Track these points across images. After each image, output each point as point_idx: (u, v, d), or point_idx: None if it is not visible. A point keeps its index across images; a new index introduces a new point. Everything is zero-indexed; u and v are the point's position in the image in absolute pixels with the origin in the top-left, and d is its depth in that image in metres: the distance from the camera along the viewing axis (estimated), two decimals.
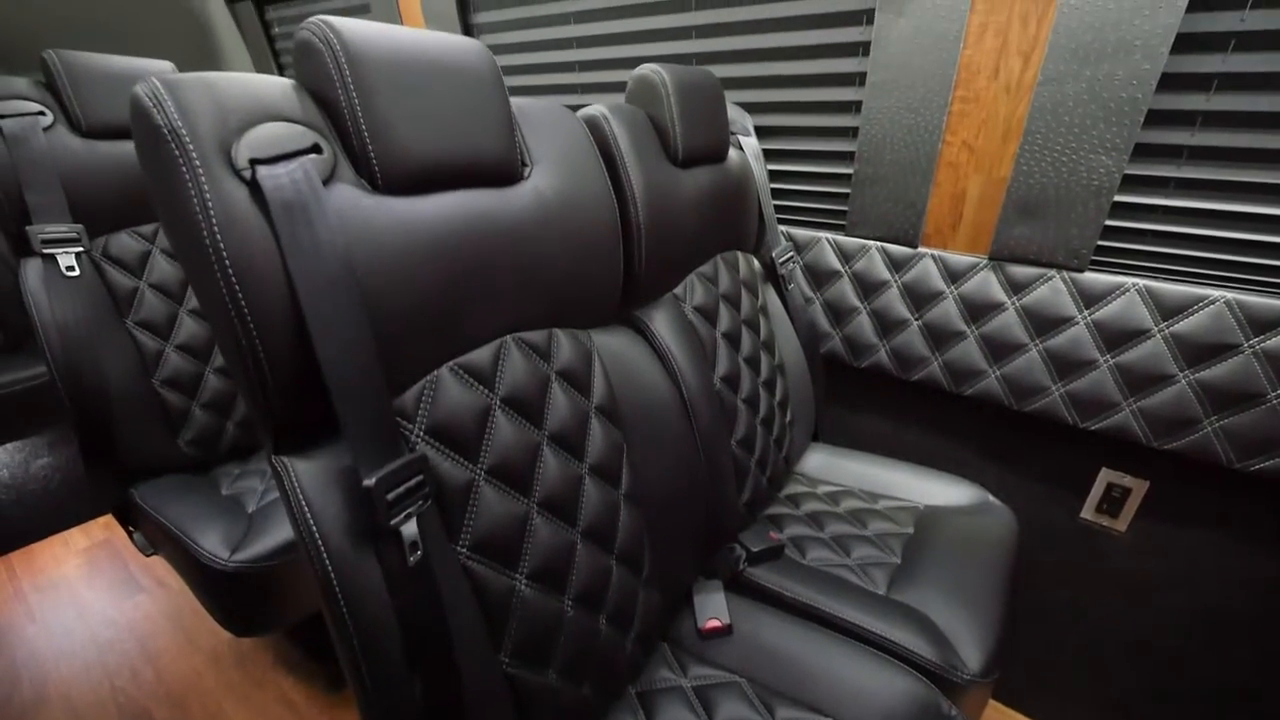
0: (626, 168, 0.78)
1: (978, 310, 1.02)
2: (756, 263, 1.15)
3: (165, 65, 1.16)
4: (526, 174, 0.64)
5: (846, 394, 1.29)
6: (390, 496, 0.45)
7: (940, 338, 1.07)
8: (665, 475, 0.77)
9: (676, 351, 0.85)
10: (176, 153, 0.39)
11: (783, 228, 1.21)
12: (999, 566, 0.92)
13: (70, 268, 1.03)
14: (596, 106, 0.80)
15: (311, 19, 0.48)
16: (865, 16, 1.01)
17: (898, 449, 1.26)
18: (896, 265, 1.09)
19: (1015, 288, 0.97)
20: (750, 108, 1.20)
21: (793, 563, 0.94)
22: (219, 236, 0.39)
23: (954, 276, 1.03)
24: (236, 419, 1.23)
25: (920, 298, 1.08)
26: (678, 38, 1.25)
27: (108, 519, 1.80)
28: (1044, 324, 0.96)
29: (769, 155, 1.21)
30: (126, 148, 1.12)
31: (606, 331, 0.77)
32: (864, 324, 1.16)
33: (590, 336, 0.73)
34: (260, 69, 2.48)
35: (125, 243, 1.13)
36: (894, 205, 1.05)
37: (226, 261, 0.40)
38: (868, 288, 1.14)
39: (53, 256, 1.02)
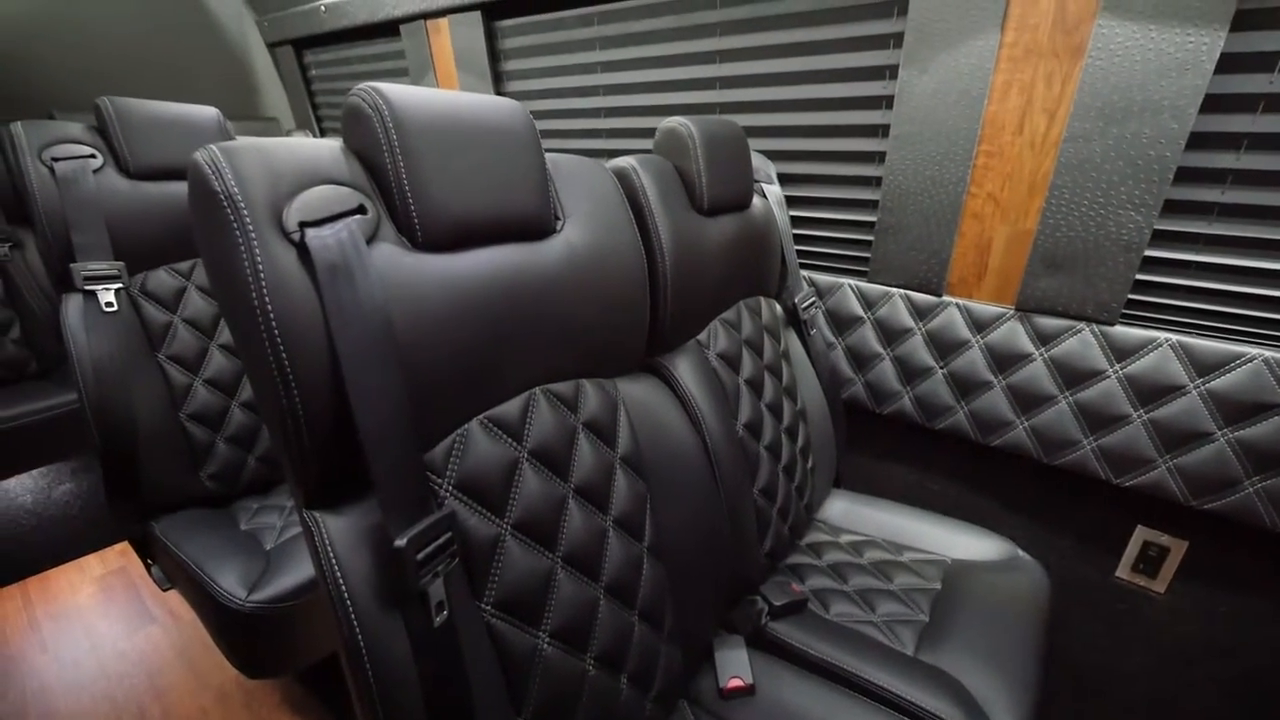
0: (654, 218, 0.79)
1: (1005, 360, 1.00)
2: (779, 308, 1.15)
3: (211, 112, 1.22)
4: (559, 227, 0.65)
5: (869, 440, 1.27)
6: (420, 556, 0.44)
7: (966, 387, 1.06)
8: (687, 526, 0.76)
9: (700, 399, 0.85)
10: (231, 218, 0.40)
11: (805, 273, 1.22)
12: (1032, 627, 0.88)
13: (109, 304, 1.06)
14: (626, 159, 0.82)
15: (361, 86, 0.50)
16: (888, 72, 1.03)
17: (922, 498, 1.23)
18: (920, 313, 1.08)
19: (1043, 339, 0.96)
20: (773, 156, 1.22)
21: (816, 618, 0.91)
22: (267, 299, 0.40)
23: (980, 326, 1.02)
24: (258, 453, 1.24)
25: (945, 346, 1.07)
26: (703, 88, 1.28)
27: (124, 545, 1.81)
28: (1074, 376, 0.94)
29: (791, 202, 1.22)
30: (170, 189, 1.16)
31: (631, 380, 0.77)
32: (886, 370, 1.15)
33: (615, 386, 0.73)
34: (296, 109, 2.58)
35: (163, 279, 1.16)
36: (918, 253, 1.06)
37: (273, 322, 0.40)
38: (890, 334, 1.13)
39: (93, 292, 1.05)
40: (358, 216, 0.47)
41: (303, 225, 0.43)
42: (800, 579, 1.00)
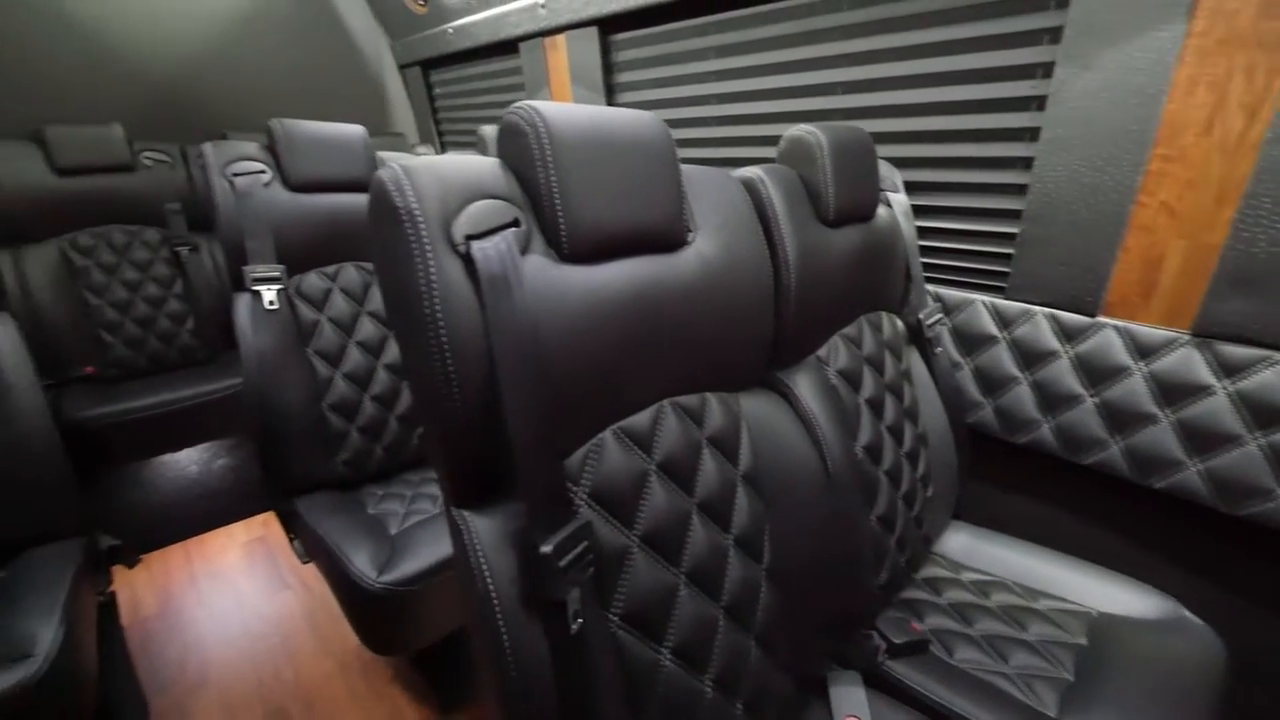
0: (780, 230, 0.77)
1: (1174, 392, 0.88)
2: (901, 324, 1.08)
3: (359, 130, 1.34)
4: (690, 239, 0.65)
5: (996, 470, 1.16)
6: (562, 564, 0.45)
7: (1122, 419, 0.94)
8: (804, 550, 0.73)
9: (821, 418, 0.81)
10: (410, 232, 0.43)
11: (930, 287, 1.14)
12: (1203, 701, 0.76)
13: (271, 302, 1.18)
14: (752, 169, 0.80)
15: (518, 104, 0.52)
16: (1040, 70, 0.94)
17: (1056, 539, 1.11)
18: (1068, 334, 0.98)
19: (1228, 370, 0.83)
20: (899, 162, 1.15)
21: (939, 661, 0.84)
22: (438, 308, 0.43)
23: (1144, 352, 0.90)
24: (384, 443, 1.33)
25: (1097, 372, 0.96)
26: (823, 93, 1.24)
27: (264, 517, 2.02)
28: (1268, 415, 0.81)
29: (918, 211, 1.15)
30: (322, 200, 1.29)
31: (752, 395, 0.75)
32: (1023, 396, 1.05)
33: (738, 400, 0.71)
34: (421, 124, 2.79)
35: (313, 281, 1.29)
36: (1068, 269, 0.95)
37: (442, 330, 0.43)
38: (1030, 357, 1.03)
39: (259, 292, 1.18)
40: (513, 229, 0.49)
41: (468, 238, 0.45)
42: (918, 616, 0.93)
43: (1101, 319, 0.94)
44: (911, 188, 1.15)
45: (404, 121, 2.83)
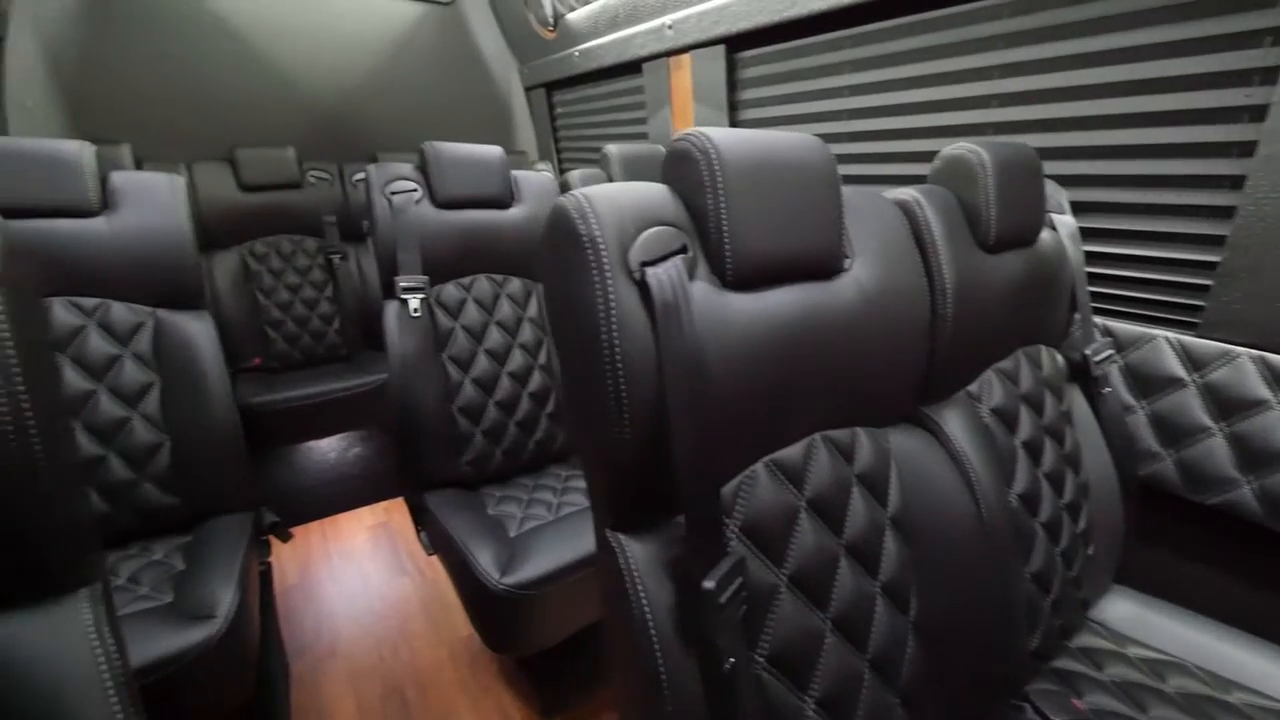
0: (938, 256, 0.72)
1: None
2: (1062, 359, 0.98)
3: (498, 150, 1.43)
4: (848, 265, 0.62)
5: (1173, 532, 1.01)
6: (721, 600, 0.44)
7: None
8: (954, 604, 0.67)
9: (973, 459, 0.74)
10: (591, 259, 0.45)
11: (1099, 320, 1.02)
12: None
13: (415, 310, 1.28)
14: (907, 190, 0.76)
15: (689, 130, 0.53)
16: (1257, 77, 0.82)
17: (1253, 620, 0.94)
18: None
19: None
20: (1064, 181, 1.05)
21: None
22: (615, 332, 0.44)
23: None
24: (504, 446, 1.40)
25: None
26: (972, 107, 1.16)
27: (387, 504, 2.19)
28: None
29: (1087, 235, 1.04)
30: (463, 215, 1.38)
31: (900, 431, 0.70)
32: (1216, 450, 0.91)
33: (887, 437, 0.67)
34: (541, 142, 2.94)
35: (451, 292, 1.39)
36: None
37: (618, 354, 0.44)
38: (1227, 405, 0.89)
39: (405, 300, 1.29)
40: (681, 255, 0.49)
41: (643, 265, 0.46)
42: (1076, 692, 0.82)
43: None
44: (1080, 208, 1.04)
45: (526, 140, 2.99)
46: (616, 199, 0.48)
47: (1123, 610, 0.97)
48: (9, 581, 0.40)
